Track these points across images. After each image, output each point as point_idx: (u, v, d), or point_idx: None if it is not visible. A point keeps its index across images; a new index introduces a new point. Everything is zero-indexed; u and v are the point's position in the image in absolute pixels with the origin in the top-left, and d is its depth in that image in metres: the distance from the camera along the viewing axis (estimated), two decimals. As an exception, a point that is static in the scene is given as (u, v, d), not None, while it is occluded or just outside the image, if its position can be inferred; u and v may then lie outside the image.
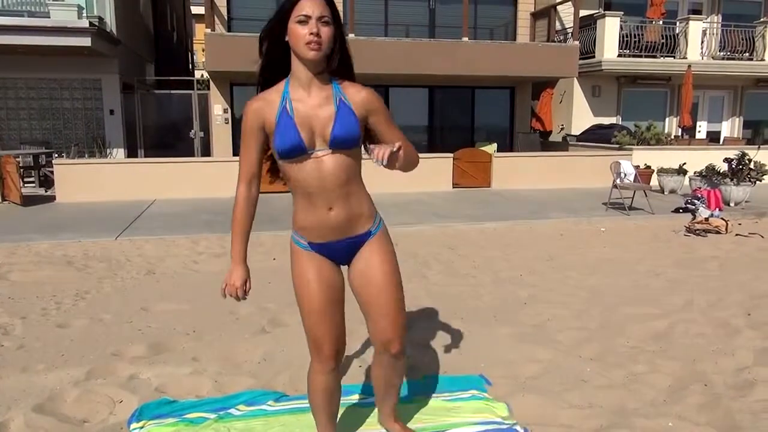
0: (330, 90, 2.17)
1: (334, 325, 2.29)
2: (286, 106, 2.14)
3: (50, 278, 5.51)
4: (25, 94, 12.63)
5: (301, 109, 2.13)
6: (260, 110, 2.16)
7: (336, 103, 2.15)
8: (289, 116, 2.12)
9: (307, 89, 2.15)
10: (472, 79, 13.73)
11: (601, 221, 8.68)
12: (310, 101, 2.15)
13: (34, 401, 3.00)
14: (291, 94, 2.15)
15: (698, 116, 16.69)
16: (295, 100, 2.14)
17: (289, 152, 2.13)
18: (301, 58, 2.09)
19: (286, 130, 2.11)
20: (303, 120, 2.12)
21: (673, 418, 2.90)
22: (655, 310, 4.58)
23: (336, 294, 2.31)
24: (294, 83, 2.16)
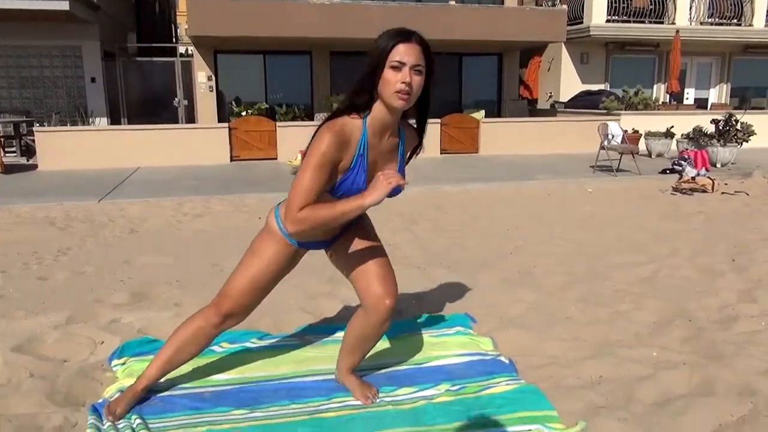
0: (398, 139, 2.17)
1: (257, 300, 2.34)
2: (363, 153, 2.06)
3: (31, 237, 5.42)
4: (3, 62, 12.35)
5: (372, 156, 2.10)
6: (342, 146, 2.00)
7: (399, 158, 2.18)
8: (364, 164, 2.07)
9: (381, 134, 2.10)
10: (460, 45, 13.58)
11: (589, 182, 8.68)
12: (381, 148, 2.12)
13: (13, 342, 2.95)
14: (368, 137, 2.07)
15: (686, 83, 16.69)
16: (370, 146, 2.08)
17: (348, 194, 2.07)
18: (387, 104, 2.00)
19: (358, 178, 2.07)
20: (370, 166, 2.10)
21: (657, 348, 2.91)
22: (640, 258, 4.59)
23: (282, 276, 2.35)
24: (371, 123, 2.06)
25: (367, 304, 2.24)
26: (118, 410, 2.26)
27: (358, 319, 2.32)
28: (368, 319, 2.26)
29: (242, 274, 2.28)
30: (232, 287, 2.29)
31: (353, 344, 2.39)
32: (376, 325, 2.25)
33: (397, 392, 2.46)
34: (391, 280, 2.26)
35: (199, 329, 2.33)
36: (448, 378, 2.56)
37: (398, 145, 2.17)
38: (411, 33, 1.99)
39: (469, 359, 2.74)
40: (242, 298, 2.29)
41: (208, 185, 8.26)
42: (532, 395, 2.39)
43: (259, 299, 2.34)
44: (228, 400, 2.40)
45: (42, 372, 2.67)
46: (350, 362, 2.46)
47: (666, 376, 2.61)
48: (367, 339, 2.35)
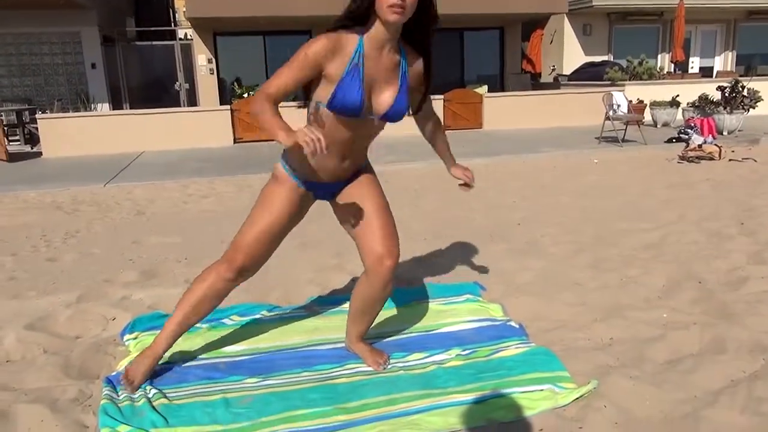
0: (398, 57, 2.10)
1: (271, 251, 2.32)
2: (358, 63, 2.02)
3: (39, 221, 5.44)
4: (3, 50, 12.31)
5: (370, 70, 2.05)
6: (331, 51, 1.99)
7: (400, 77, 2.11)
8: (360, 75, 2.03)
9: (380, 51, 2.05)
10: (460, 19, 13.41)
11: (594, 153, 8.62)
12: (381, 64, 2.07)
13: (26, 321, 2.98)
14: (365, 49, 2.03)
15: (690, 52, 16.48)
16: (367, 58, 2.04)
17: (344, 110, 2.04)
18: (382, 19, 1.97)
19: (352, 89, 2.01)
20: (369, 82, 2.05)
21: (668, 310, 2.90)
22: (647, 225, 4.57)
23: (292, 226, 2.34)
24: (369, 41, 2.03)
25: (368, 264, 2.26)
26: (137, 380, 2.27)
27: (362, 284, 2.33)
28: (370, 281, 2.27)
29: (252, 225, 2.27)
30: (244, 240, 2.27)
31: (359, 310, 2.40)
32: (379, 287, 2.26)
33: (408, 358, 2.47)
34: (391, 239, 2.27)
35: (212, 286, 2.31)
36: (459, 343, 2.57)
37: (399, 63, 2.10)
38: None
39: (479, 325, 2.75)
40: (254, 250, 2.26)
41: (212, 167, 8.26)
42: (543, 356, 2.40)
43: (269, 251, 2.31)
44: (241, 370, 2.42)
45: (55, 348, 2.70)
46: (358, 330, 2.47)
47: (676, 336, 2.62)
48: (372, 303, 2.35)
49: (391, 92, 2.09)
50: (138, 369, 2.30)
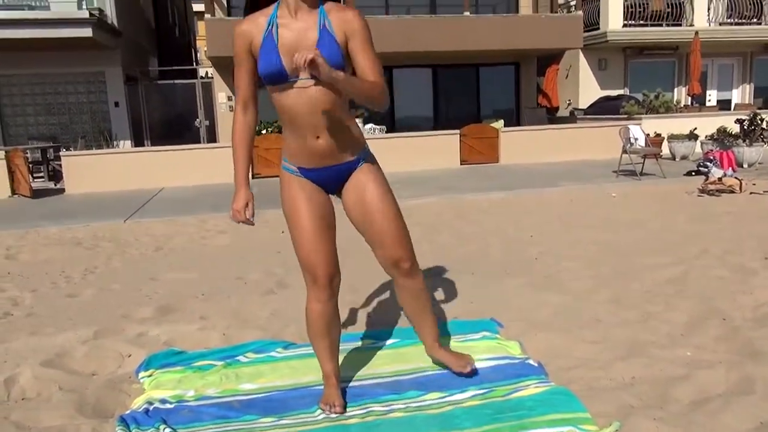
0: (316, 15, 2.13)
1: (327, 251, 2.28)
2: (272, 30, 2.11)
3: (59, 257, 5.51)
4: (30, 90, 12.67)
5: (286, 35, 2.10)
6: (247, 32, 2.16)
7: (319, 29, 2.10)
8: (273, 41, 2.10)
9: (293, 13, 2.12)
10: (476, 55, 13.59)
11: (612, 187, 8.56)
12: (296, 26, 2.11)
13: (43, 357, 2.98)
14: (279, 18, 2.13)
15: (708, 85, 16.45)
16: (281, 25, 2.12)
17: (270, 77, 2.12)
18: None
19: (269, 54, 2.10)
20: (287, 46, 2.09)
21: (692, 348, 2.83)
22: (669, 259, 4.49)
23: (326, 220, 2.31)
24: (282, 6, 2.14)
25: (387, 269, 2.37)
26: (337, 402, 2.31)
27: (397, 289, 2.47)
28: (398, 284, 2.43)
29: (294, 239, 2.29)
30: (300, 257, 2.28)
31: (411, 313, 2.53)
32: (408, 285, 2.41)
33: (424, 397, 2.42)
34: (404, 240, 2.34)
35: (319, 314, 2.30)
36: (476, 382, 2.52)
37: (317, 19, 2.11)
38: None
39: (497, 363, 2.69)
40: (313, 254, 2.25)
41: (230, 201, 8.32)
42: (563, 397, 2.34)
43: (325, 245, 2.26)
44: (256, 409, 2.39)
45: (71, 385, 2.69)
46: (427, 335, 2.57)
47: (702, 375, 2.54)
48: (414, 300, 2.47)
49: (310, 46, 2.08)
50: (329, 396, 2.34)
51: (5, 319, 3.72)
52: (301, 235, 2.26)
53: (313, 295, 2.30)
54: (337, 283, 2.33)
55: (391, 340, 3.02)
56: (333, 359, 2.41)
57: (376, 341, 3.03)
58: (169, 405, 2.42)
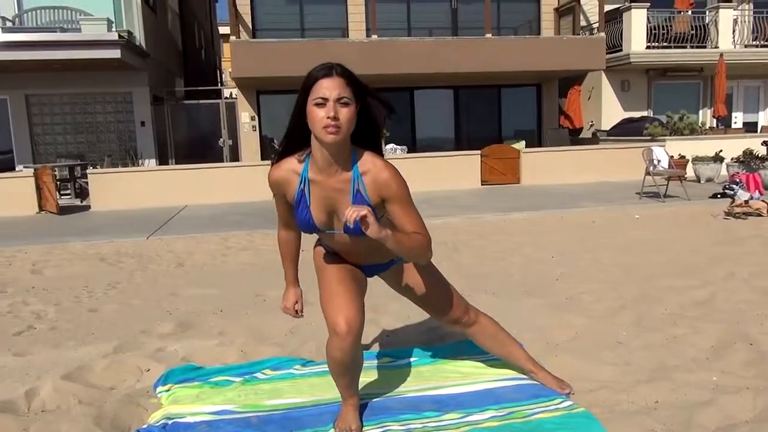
0: (349, 175, 2.06)
1: (351, 298, 2.17)
2: (303, 189, 2.12)
3: (83, 272, 5.59)
4: (59, 109, 13.00)
5: (317, 193, 2.11)
6: (281, 184, 2.18)
7: (352, 193, 2.07)
8: (306, 200, 2.12)
9: (325, 172, 2.06)
10: (498, 77, 13.62)
11: (635, 209, 8.46)
12: (328, 185, 2.09)
13: (64, 371, 3.01)
14: (310, 174, 2.09)
15: (733, 107, 16.26)
16: (313, 182, 2.10)
17: (303, 229, 2.22)
18: (319, 140, 1.99)
19: (302, 213, 2.15)
20: (320, 202, 2.11)
21: (718, 372, 2.75)
22: (694, 282, 4.41)
23: (355, 274, 2.33)
24: (313, 165, 2.08)
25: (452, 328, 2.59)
26: (353, 425, 2.31)
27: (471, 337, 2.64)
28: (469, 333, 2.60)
29: (322, 295, 2.26)
30: (326, 311, 2.18)
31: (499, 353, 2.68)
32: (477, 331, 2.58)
33: (442, 417, 2.38)
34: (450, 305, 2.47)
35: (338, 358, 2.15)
36: (496, 401, 2.48)
37: (350, 182, 2.06)
38: (331, 67, 1.98)
39: (518, 383, 2.65)
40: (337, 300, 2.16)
41: (252, 220, 8.41)
42: (584, 420, 2.29)
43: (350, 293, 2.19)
44: (273, 425, 2.37)
45: (90, 399, 2.71)
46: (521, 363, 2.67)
47: (728, 401, 2.47)
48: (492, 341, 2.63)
49: (342, 210, 2.06)
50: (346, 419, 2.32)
51: (29, 332, 3.77)
52: (329, 280, 2.26)
53: (333, 343, 2.14)
54: (359, 332, 2.15)
55: (410, 359, 2.99)
56: (353, 386, 2.35)
57: (394, 359, 3.01)
58: (187, 420, 2.42)
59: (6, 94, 12.56)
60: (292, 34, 13.48)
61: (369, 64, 12.08)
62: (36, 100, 12.85)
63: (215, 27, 25.91)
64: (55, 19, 11.84)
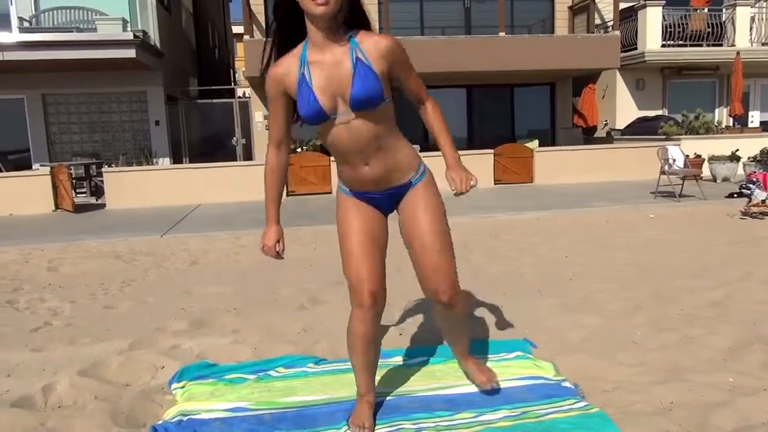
0: (347, 46, 2.08)
1: (374, 268, 2.23)
2: (304, 73, 2.09)
3: (98, 270, 5.65)
4: (75, 108, 13.13)
5: (319, 73, 2.08)
6: (280, 78, 2.14)
7: (353, 60, 2.06)
8: (308, 83, 2.08)
9: (322, 49, 2.07)
10: (511, 76, 13.56)
11: (650, 208, 8.39)
12: (327, 61, 2.07)
13: (80, 367, 3.05)
14: (308, 56, 2.09)
15: (750, 106, 16.07)
16: (312, 63, 2.08)
17: (310, 118, 2.13)
18: (310, 15, 2.00)
19: (306, 97, 2.09)
20: (322, 84, 2.07)
21: (734, 374, 2.72)
22: (710, 282, 4.36)
23: (378, 240, 2.29)
24: (311, 45, 2.09)
25: (428, 296, 2.40)
26: (367, 423, 2.30)
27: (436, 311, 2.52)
28: (437, 309, 2.47)
29: (343, 255, 2.27)
30: (347, 273, 2.25)
31: (448, 333, 2.63)
32: (446, 314, 2.44)
33: (454, 417, 2.38)
34: (445, 272, 2.32)
35: (362, 331, 2.25)
36: (508, 401, 2.47)
37: (348, 53, 2.07)
38: None
39: (531, 383, 2.64)
40: (360, 269, 2.21)
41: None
42: (598, 420, 2.27)
43: (373, 261, 2.23)
44: (286, 423, 2.38)
45: (105, 395, 2.74)
46: (458, 349, 2.65)
47: (745, 402, 2.44)
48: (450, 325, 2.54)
49: (346, 80, 2.06)
50: (360, 416, 2.33)
51: (45, 328, 3.82)
52: (350, 254, 2.24)
53: (356, 312, 2.24)
54: (382, 304, 2.27)
55: (423, 358, 2.99)
56: (370, 378, 2.38)
57: (408, 359, 3.01)
58: (202, 417, 2.43)
59: (23, 93, 12.70)
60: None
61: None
62: (52, 100, 12.99)
63: (229, 26, 26.05)
64: (71, 20, 11.97)
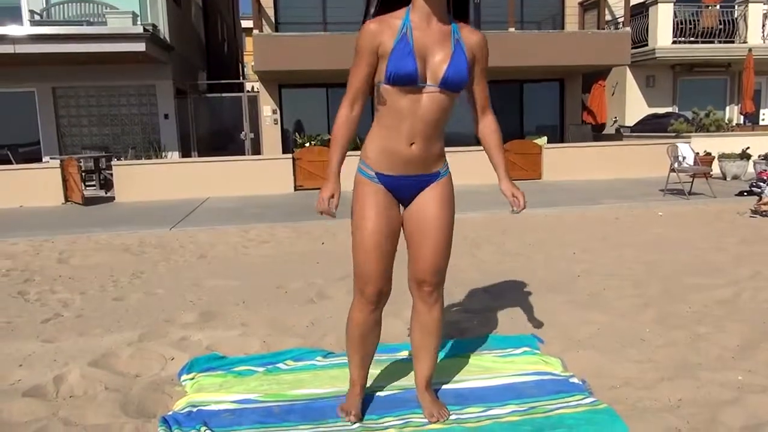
0: (449, 29, 2.16)
1: (383, 265, 2.24)
2: (406, 33, 2.11)
3: (108, 262, 5.68)
4: (85, 102, 13.19)
5: (419, 39, 2.12)
6: (378, 32, 2.12)
7: (453, 42, 2.15)
8: (408, 43, 2.10)
9: (427, 21, 2.13)
10: (520, 72, 13.51)
11: (659, 206, 8.35)
12: (430, 33, 2.13)
13: (90, 358, 3.08)
14: (412, 22, 2.13)
15: (761, 103, 15.94)
16: (415, 28, 2.12)
17: (400, 79, 2.11)
18: None
19: (403, 56, 2.09)
20: (420, 50, 2.11)
21: (743, 372, 2.72)
22: (719, 280, 4.35)
23: (391, 237, 2.27)
24: (415, 13, 2.13)
25: (411, 287, 2.36)
26: (354, 410, 2.35)
27: (412, 312, 2.40)
28: (415, 306, 2.37)
29: (355, 246, 2.26)
30: (356, 264, 2.26)
31: (416, 346, 2.41)
32: (423, 310, 2.34)
33: (463, 411, 2.39)
34: (435, 265, 2.28)
35: (363, 322, 2.29)
36: (517, 396, 2.48)
37: (450, 34, 2.15)
38: None
39: (539, 378, 2.65)
40: (371, 269, 2.22)
41: (273, 213, 8.46)
42: (606, 416, 2.28)
43: (386, 262, 2.24)
44: (294, 415, 2.40)
45: (116, 385, 2.76)
46: (422, 373, 2.42)
47: (754, 400, 2.44)
48: (423, 333, 2.36)
49: (444, 57, 2.12)
50: (349, 403, 2.39)
51: (56, 319, 3.85)
52: (362, 244, 2.23)
53: (357, 304, 2.28)
54: (385, 299, 2.30)
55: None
56: (363, 368, 2.40)
57: (414, 353, 3.01)
58: (211, 408, 2.45)
59: (33, 86, 12.77)
60: (315, 27, 13.50)
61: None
62: (62, 93, 13.05)
63: (238, 21, 26.07)
64: (81, 13, 12.02)
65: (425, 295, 2.32)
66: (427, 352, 2.40)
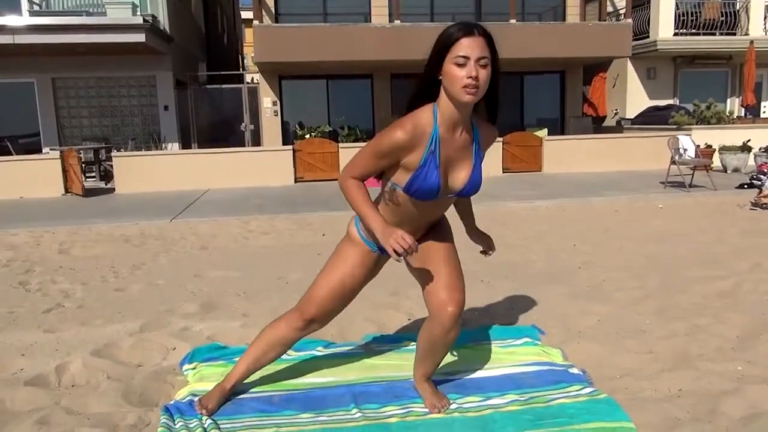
0: (471, 134, 2.11)
1: (340, 308, 2.36)
2: (435, 151, 2.03)
3: (109, 253, 5.69)
4: (85, 93, 13.17)
5: (445, 153, 2.06)
6: (408, 147, 2.01)
7: (473, 151, 2.11)
8: (436, 160, 2.03)
9: (453, 130, 2.05)
10: (521, 64, 13.46)
11: (659, 198, 8.35)
12: (454, 145, 2.06)
13: (92, 348, 3.09)
14: (440, 132, 2.03)
15: (763, 96, 15.91)
16: (443, 141, 2.04)
17: (422, 195, 2.08)
18: (454, 99, 1.97)
19: (430, 175, 2.03)
20: (444, 164, 2.07)
21: (743, 362, 2.73)
22: (719, 272, 4.35)
23: (364, 284, 2.36)
24: (443, 123, 2.03)
25: (432, 310, 2.23)
26: (210, 405, 2.35)
27: (426, 327, 2.30)
28: (433, 326, 2.23)
29: (326, 279, 2.30)
30: (317, 293, 2.31)
31: (423, 352, 2.38)
32: (441, 333, 2.22)
33: (463, 400, 2.40)
34: (457, 287, 2.23)
35: (283, 335, 2.38)
36: (517, 386, 2.49)
37: (472, 141, 2.11)
38: (473, 26, 1.96)
39: (539, 368, 2.66)
40: (326, 303, 2.30)
41: (274, 205, 8.47)
42: (606, 406, 2.29)
43: (341, 306, 2.35)
44: (295, 404, 2.41)
45: (118, 375, 2.77)
46: (423, 370, 2.43)
47: (754, 390, 2.45)
48: (434, 347, 2.30)
49: (466, 171, 2.11)
50: (210, 399, 2.39)
51: (57, 309, 3.86)
52: (334, 290, 2.28)
53: (291, 320, 2.35)
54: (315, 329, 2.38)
55: (431, 343, 3.01)
56: (248, 373, 2.46)
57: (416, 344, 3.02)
58: (212, 397, 2.46)
59: (33, 77, 12.74)
60: (315, 19, 13.46)
61: (391, 49, 12.04)
62: (62, 84, 13.03)
63: (237, 12, 25.97)
64: (80, 3, 11.98)
65: (448, 317, 2.16)
66: (435, 360, 2.40)
